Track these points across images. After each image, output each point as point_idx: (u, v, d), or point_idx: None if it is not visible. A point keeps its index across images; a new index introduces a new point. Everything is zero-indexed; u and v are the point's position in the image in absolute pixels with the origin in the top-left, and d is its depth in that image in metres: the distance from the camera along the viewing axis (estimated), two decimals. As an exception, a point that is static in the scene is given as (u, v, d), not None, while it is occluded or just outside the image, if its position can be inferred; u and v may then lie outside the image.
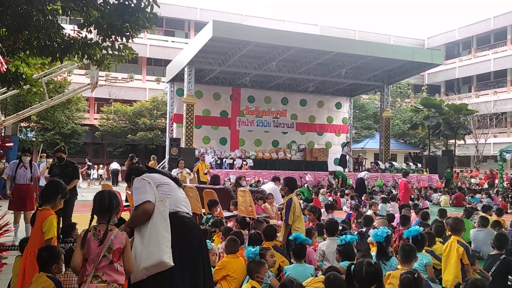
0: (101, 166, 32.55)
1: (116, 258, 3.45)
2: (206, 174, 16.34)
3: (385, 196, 15.18)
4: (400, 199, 14.55)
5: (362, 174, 20.53)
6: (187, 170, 15.43)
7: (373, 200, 12.95)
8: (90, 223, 3.59)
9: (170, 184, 3.86)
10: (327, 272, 4.39)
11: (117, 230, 3.55)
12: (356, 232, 6.91)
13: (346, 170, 26.54)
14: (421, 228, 6.05)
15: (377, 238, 5.31)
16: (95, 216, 3.64)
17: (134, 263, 3.50)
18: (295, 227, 6.17)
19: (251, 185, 17.00)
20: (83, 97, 32.22)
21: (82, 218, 5.53)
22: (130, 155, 17.31)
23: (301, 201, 18.96)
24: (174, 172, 14.67)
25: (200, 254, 3.80)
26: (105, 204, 3.57)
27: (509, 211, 16.28)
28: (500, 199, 17.64)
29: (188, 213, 3.84)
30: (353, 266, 3.89)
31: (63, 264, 4.33)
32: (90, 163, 30.25)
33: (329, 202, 12.44)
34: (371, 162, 29.06)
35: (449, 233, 6.71)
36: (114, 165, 29.24)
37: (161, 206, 3.57)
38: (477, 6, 73.05)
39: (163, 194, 3.69)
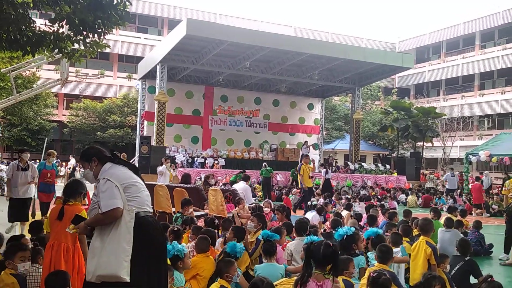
0: (69, 163, 31.92)
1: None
2: (311, 177, 14.97)
3: (349, 196, 15.47)
4: (473, 201, 17.44)
5: (326, 174, 19.97)
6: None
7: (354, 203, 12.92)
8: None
9: (137, 184, 3.73)
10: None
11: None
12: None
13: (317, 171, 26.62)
14: (380, 230, 6.17)
15: (339, 237, 5.47)
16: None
17: (90, 261, 3.48)
18: None
19: (225, 184, 16.90)
20: (52, 93, 31.60)
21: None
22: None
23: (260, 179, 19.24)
24: (162, 169, 15.38)
25: (164, 253, 3.81)
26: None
27: (473, 213, 16.68)
28: (464, 200, 18.17)
29: (150, 212, 3.76)
30: (311, 245, 3.94)
31: (30, 260, 4.43)
32: (59, 160, 29.67)
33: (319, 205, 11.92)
34: (341, 164, 29.30)
35: (417, 233, 6.89)
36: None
37: (127, 216, 3.45)
38: (447, 11, 74.76)
39: (131, 196, 3.60)
